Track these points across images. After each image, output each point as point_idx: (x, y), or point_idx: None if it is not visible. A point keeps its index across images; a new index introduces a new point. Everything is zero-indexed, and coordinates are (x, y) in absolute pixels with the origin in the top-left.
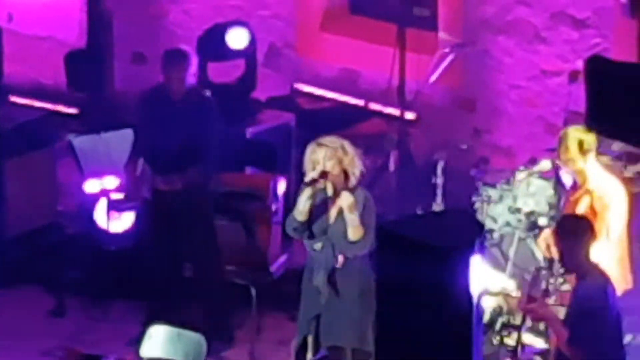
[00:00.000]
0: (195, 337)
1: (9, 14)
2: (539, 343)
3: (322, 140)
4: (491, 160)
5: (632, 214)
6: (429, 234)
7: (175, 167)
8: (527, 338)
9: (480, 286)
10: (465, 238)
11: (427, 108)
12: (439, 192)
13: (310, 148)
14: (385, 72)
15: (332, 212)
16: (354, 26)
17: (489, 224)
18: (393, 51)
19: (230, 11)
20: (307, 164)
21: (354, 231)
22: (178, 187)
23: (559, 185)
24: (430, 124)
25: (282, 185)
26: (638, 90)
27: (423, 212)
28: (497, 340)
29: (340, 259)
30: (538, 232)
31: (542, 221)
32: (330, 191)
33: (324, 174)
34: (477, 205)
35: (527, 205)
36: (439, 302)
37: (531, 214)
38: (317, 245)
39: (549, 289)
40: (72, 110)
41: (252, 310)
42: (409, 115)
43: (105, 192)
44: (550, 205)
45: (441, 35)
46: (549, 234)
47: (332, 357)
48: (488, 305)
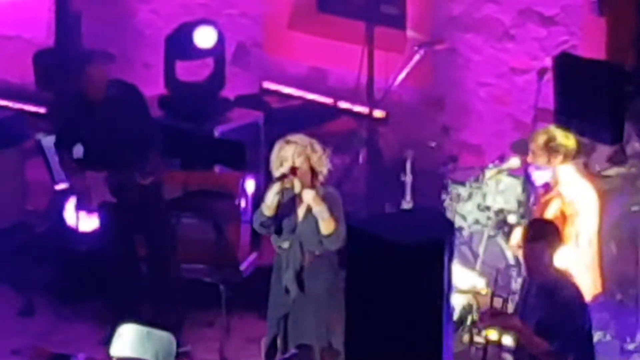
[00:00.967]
0: (165, 336)
1: None
2: (507, 340)
3: (291, 137)
4: (460, 158)
5: (604, 213)
6: (397, 232)
7: (121, 166)
8: (494, 336)
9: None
10: (435, 236)
11: (396, 106)
12: (408, 190)
13: (279, 145)
14: (353, 71)
15: (300, 210)
16: (322, 24)
17: (458, 222)
18: (361, 49)
19: (198, 10)
20: (275, 161)
21: (326, 224)
22: (149, 180)
23: (528, 183)
24: (399, 122)
25: (251, 184)
26: (606, 87)
27: (392, 210)
28: (467, 338)
29: (308, 257)
30: (507, 230)
31: (511, 219)
32: (298, 188)
33: (293, 170)
34: (446, 203)
35: (496, 202)
36: (409, 301)
37: (500, 212)
38: (285, 244)
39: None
40: (41, 110)
41: (221, 308)
42: (378, 114)
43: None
44: (520, 203)
45: (409, 33)
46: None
47: (301, 355)
48: (458, 303)
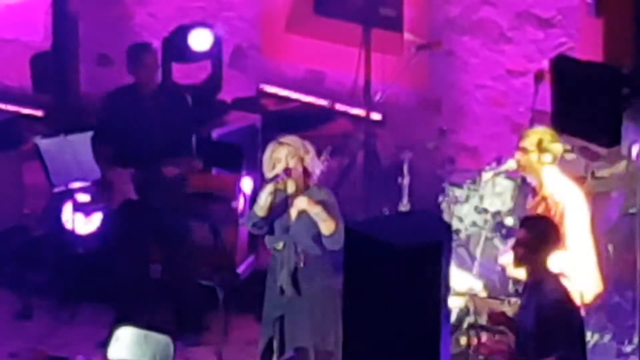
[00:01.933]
0: (162, 339)
1: None
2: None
3: (283, 139)
4: (457, 160)
5: (599, 214)
6: (395, 235)
7: (151, 164)
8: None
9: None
10: (432, 238)
11: (393, 108)
12: (405, 193)
13: (272, 146)
14: (350, 73)
15: (293, 211)
16: (319, 27)
17: (455, 224)
18: (358, 52)
19: (195, 13)
20: (268, 162)
21: (326, 225)
22: (176, 172)
23: (525, 185)
24: (396, 125)
25: (248, 186)
26: (603, 89)
27: (389, 212)
28: (464, 341)
29: (303, 258)
30: (505, 232)
31: (508, 221)
32: (291, 189)
33: (287, 172)
34: (443, 206)
35: (493, 205)
36: (406, 303)
37: (497, 214)
38: (279, 245)
39: (517, 289)
40: (38, 113)
41: (219, 311)
42: (375, 116)
43: (72, 194)
44: (517, 205)
45: (407, 36)
46: None
47: (298, 358)
48: (455, 305)
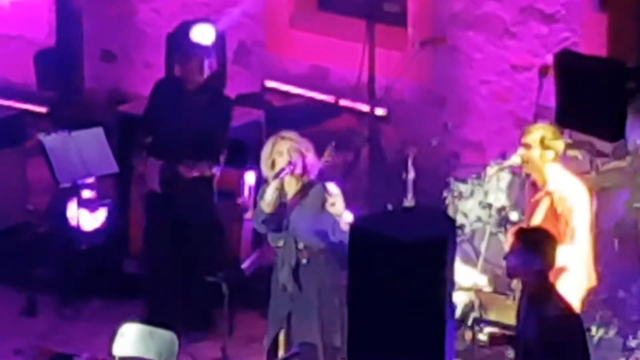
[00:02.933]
0: (167, 336)
1: None
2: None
3: (284, 134)
4: (462, 156)
5: (605, 208)
6: (399, 230)
7: (184, 158)
8: (493, 331)
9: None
10: (436, 234)
11: (397, 104)
12: (410, 188)
13: (272, 140)
14: (355, 69)
15: (292, 207)
16: (323, 23)
17: (460, 220)
18: (362, 47)
19: (199, 9)
20: (268, 156)
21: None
22: (193, 174)
23: (528, 180)
24: (400, 120)
25: (252, 182)
26: (607, 84)
27: (394, 208)
28: (469, 336)
29: (304, 253)
30: (509, 227)
31: (513, 216)
32: (290, 185)
33: (291, 165)
34: (448, 201)
35: (498, 200)
36: (410, 299)
37: (502, 209)
38: (280, 242)
39: None
40: (42, 109)
41: (224, 307)
42: (379, 111)
43: (77, 191)
44: (521, 200)
45: (411, 31)
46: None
47: (304, 353)
48: (460, 300)
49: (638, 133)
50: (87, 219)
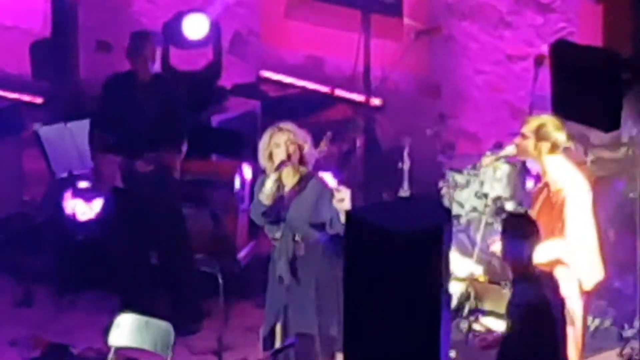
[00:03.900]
0: (163, 326)
1: None
2: (501, 326)
3: (283, 125)
4: (457, 146)
5: (600, 198)
6: (395, 220)
7: (144, 152)
8: (489, 322)
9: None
10: (432, 224)
11: (393, 94)
12: (405, 178)
13: (270, 132)
14: (350, 59)
15: (289, 199)
16: (318, 13)
17: (455, 210)
18: (358, 37)
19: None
20: (265, 148)
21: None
22: (150, 168)
23: (524, 170)
24: (396, 110)
25: (248, 173)
26: (603, 74)
27: (389, 198)
28: (464, 326)
29: (301, 245)
30: (505, 217)
31: (508, 206)
32: (288, 177)
33: (289, 157)
34: (443, 191)
35: (493, 190)
36: (406, 289)
37: (498, 199)
38: (277, 233)
39: None
40: (38, 100)
41: (219, 298)
42: (375, 101)
43: (72, 181)
44: (517, 190)
45: (406, 21)
46: None
47: (301, 344)
48: (455, 290)
49: (633, 123)
50: (83, 209)
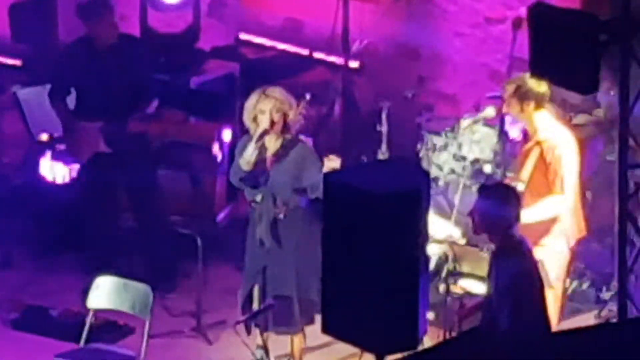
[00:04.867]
0: (141, 288)
1: None
2: (480, 288)
3: (269, 91)
4: (436, 108)
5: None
6: (374, 183)
7: (113, 117)
8: (467, 284)
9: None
10: (411, 186)
11: (372, 56)
12: (384, 141)
13: (256, 96)
14: (329, 21)
15: (271, 163)
16: None
17: (434, 172)
18: (337, 0)
19: None
20: (250, 111)
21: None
22: (139, 129)
23: (502, 133)
24: (374, 73)
25: (227, 135)
26: (580, 36)
27: (368, 160)
28: (443, 288)
29: (284, 209)
30: (483, 179)
31: (487, 168)
32: (270, 143)
33: (272, 124)
34: (422, 153)
35: (472, 152)
36: (385, 251)
37: (476, 162)
38: (258, 197)
39: None
40: (17, 62)
41: (198, 260)
42: (353, 64)
43: (51, 144)
44: (495, 153)
45: None
46: None
47: (279, 305)
48: (434, 253)
49: (611, 86)
50: (61, 172)
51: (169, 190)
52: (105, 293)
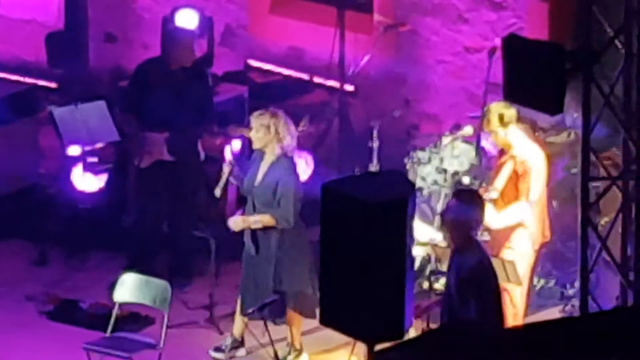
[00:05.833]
0: (161, 284)
1: None
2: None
3: (270, 112)
4: (420, 127)
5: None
6: (366, 192)
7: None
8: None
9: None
10: (398, 195)
11: (364, 81)
12: (375, 155)
13: (260, 113)
14: (327, 50)
15: (259, 176)
16: (299, 9)
17: (419, 183)
18: (334, 31)
19: None
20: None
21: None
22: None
23: (479, 148)
24: (367, 95)
25: (236, 147)
26: (549, 64)
27: (361, 172)
28: (426, 285)
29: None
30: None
31: (465, 180)
32: (265, 157)
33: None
34: (408, 166)
35: (452, 165)
36: (375, 252)
37: (456, 174)
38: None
39: None
40: (52, 85)
41: (211, 259)
42: (349, 87)
43: (83, 156)
44: (473, 166)
45: (376, 17)
46: None
47: (275, 304)
48: (418, 254)
49: (575, 108)
50: (91, 181)
51: None
52: (130, 288)
